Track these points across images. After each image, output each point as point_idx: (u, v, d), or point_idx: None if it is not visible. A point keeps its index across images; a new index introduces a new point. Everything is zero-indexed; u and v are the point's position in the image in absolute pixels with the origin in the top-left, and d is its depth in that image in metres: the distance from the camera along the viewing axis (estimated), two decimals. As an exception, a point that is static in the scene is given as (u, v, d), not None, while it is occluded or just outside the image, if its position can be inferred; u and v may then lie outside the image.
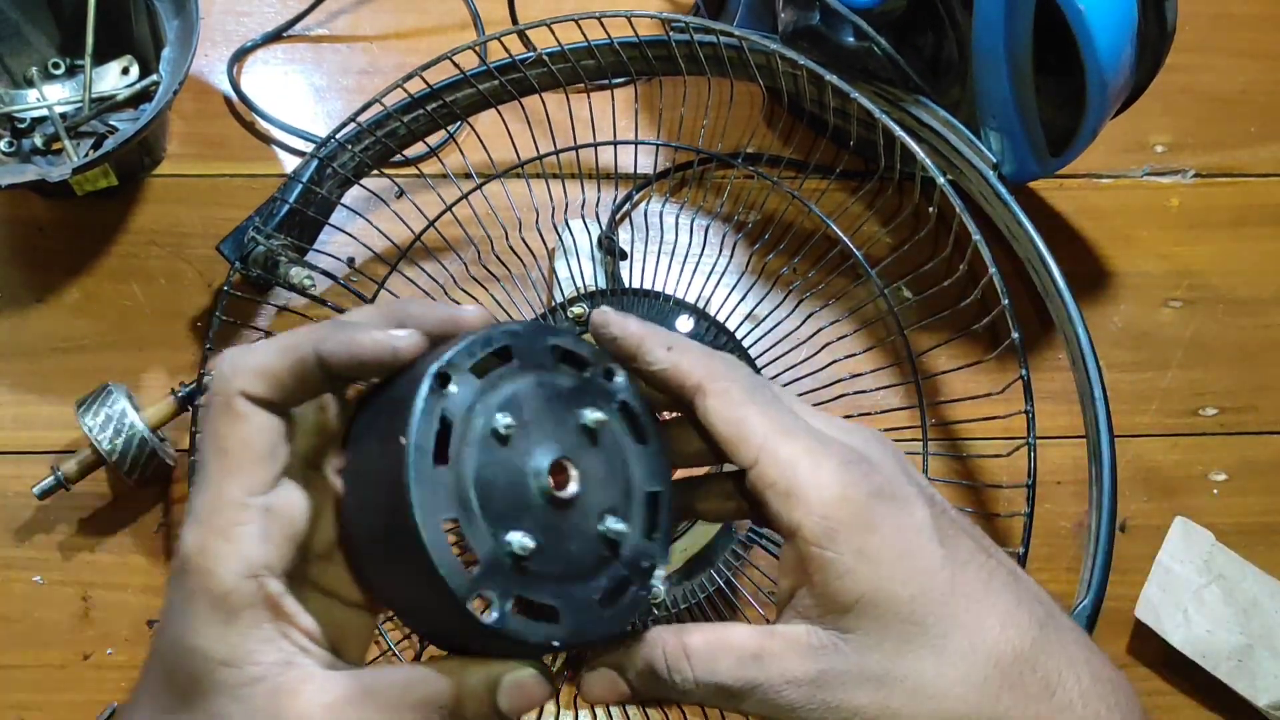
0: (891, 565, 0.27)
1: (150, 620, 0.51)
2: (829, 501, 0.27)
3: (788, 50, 0.48)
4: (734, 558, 0.47)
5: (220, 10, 0.64)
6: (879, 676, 0.27)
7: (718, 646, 0.28)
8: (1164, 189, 0.61)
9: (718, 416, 0.29)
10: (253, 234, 0.50)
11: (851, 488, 0.27)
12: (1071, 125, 0.51)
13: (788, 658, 0.27)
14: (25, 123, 0.58)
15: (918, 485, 0.29)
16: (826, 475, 0.27)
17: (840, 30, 0.50)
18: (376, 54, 0.64)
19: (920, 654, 0.27)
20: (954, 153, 0.49)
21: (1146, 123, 0.62)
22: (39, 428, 0.54)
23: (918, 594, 0.27)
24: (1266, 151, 0.62)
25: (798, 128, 0.60)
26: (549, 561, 0.27)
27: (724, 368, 0.29)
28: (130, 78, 0.59)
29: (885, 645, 0.27)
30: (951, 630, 0.27)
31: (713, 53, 0.51)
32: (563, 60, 0.53)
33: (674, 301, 0.50)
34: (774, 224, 0.57)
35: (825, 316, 0.52)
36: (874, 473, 0.28)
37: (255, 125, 0.61)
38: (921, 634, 0.27)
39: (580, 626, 0.27)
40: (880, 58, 0.49)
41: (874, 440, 0.30)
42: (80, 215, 0.58)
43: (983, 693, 0.27)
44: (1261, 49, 0.64)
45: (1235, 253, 0.60)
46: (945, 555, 0.28)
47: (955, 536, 0.29)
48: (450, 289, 0.53)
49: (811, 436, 0.28)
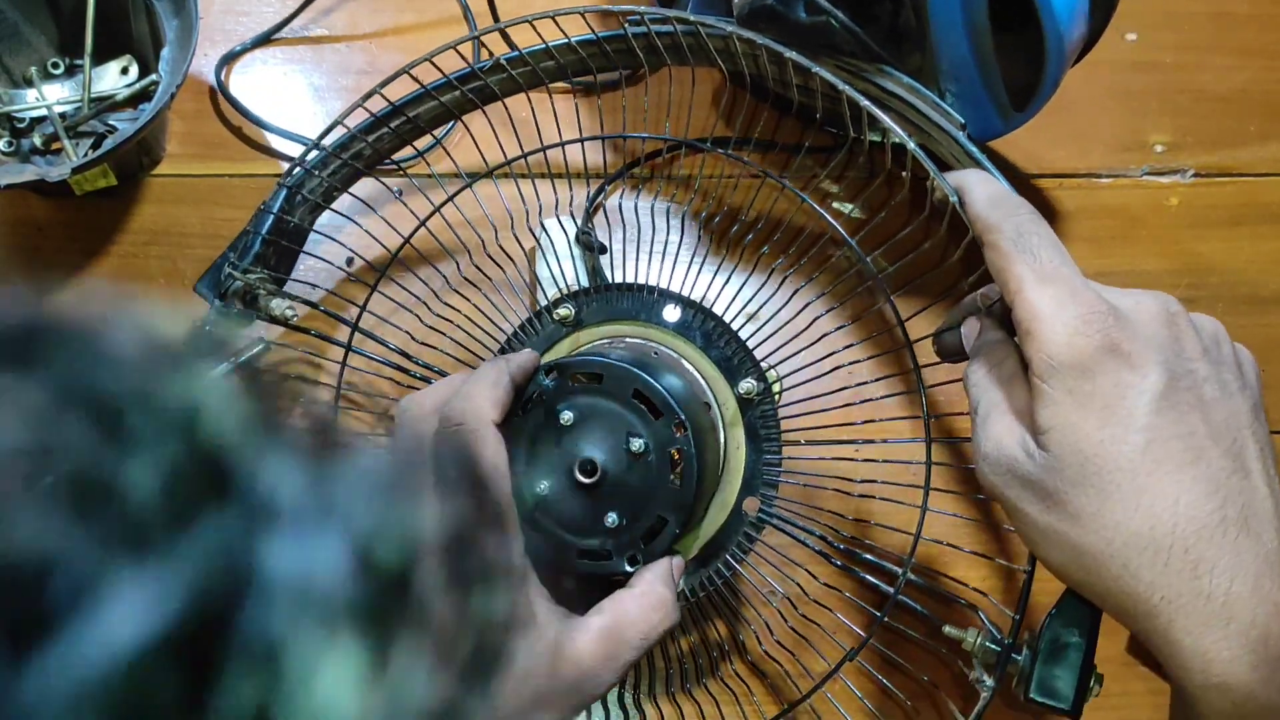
0: (1092, 410, 0.31)
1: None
2: (1057, 343, 0.32)
3: (745, 31, 0.48)
4: (747, 540, 0.47)
5: (220, 10, 0.64)
6: (1049, 493, 0.32)
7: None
8: (1164, 188, 0.61)
9: (990, 264, 0.35)
10: (229, 270, 0.50)
11: (1081, 336, 0.31)
12: (1032, 80, 0.51)
13: (1011, 428, 0.33)
14: (24, 122, 0.58)
15: (1178, 361, 0.32)
16: (1062, 321, 0.32)
17: (795, 7, 0.50)
18: (375, 54, 0.64)
19: (1088, 492, 0.31)
20: (921, 118, 0.49)
21: (1146, 122, 0.62)
22: (39, 428, 0.54)
23: (1107, 441, 0.31)
24: (1266, 151, 0.62)
25: (762, 109, 0.60)
26: (557, 510, 0.40)
27: (999, 219, 0.35)
28: (129, 78, 0.59)
29: (1065, 473, 0.31)
30: (1125, 484, 0.31)
31: (671, 42, 0.51)
32: (522, 64, 0.52)
33: (658, 292, 0.50)
34: (747, 205, 0.57)
35: (810, 291, 0.53)
36: (1116, 329, 0.32)
37: (243, 130, 0.61)
38: (1096, 476, 0.31)
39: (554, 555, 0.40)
40: (839, 30, 0.50)
41: (1150, 305, 0.33)
42: (79, 215, 0.58)
43: (1127, 546, 0.31)
44: (1261, 49, 0.64)
45: (1235, 252, 0.60)
46: (1153, 422, 0.31)
47: (1183, 415, 0.31)
48: (433, 304, 0.53)
49: (1065, 286, 0.33)
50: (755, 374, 0.48)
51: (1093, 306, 0.32)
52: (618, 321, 0.49)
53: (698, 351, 0.48)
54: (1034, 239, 0.34)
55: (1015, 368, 0.35)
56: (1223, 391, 0.32)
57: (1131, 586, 0.31)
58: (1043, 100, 0.52)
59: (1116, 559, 0.31)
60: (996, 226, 0.35)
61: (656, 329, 0.49)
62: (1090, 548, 0.31)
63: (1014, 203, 0.36)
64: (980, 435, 0.35)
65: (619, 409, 0.41)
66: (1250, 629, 0.30)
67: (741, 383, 0.47)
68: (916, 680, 0.50)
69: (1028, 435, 0.33)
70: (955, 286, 0.49)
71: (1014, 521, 0.34)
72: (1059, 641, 0.37)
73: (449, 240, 0.53)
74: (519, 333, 0.50)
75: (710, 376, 0.48)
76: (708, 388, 0.48)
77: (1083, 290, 0.33)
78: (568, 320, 0.49)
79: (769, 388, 0.48)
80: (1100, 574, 0.32)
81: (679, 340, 0.48)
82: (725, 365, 0.48)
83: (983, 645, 0.42)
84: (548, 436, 0.41)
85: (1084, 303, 0.32)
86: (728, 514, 0.47)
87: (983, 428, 0.35)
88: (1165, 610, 0.30)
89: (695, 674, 0.51)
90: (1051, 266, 0.33)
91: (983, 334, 0.38)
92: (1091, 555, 0.31)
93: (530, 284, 0.56)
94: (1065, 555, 0.32)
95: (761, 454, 0.47)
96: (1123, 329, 0.32)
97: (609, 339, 0.49)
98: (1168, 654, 0.31)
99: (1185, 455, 0.31)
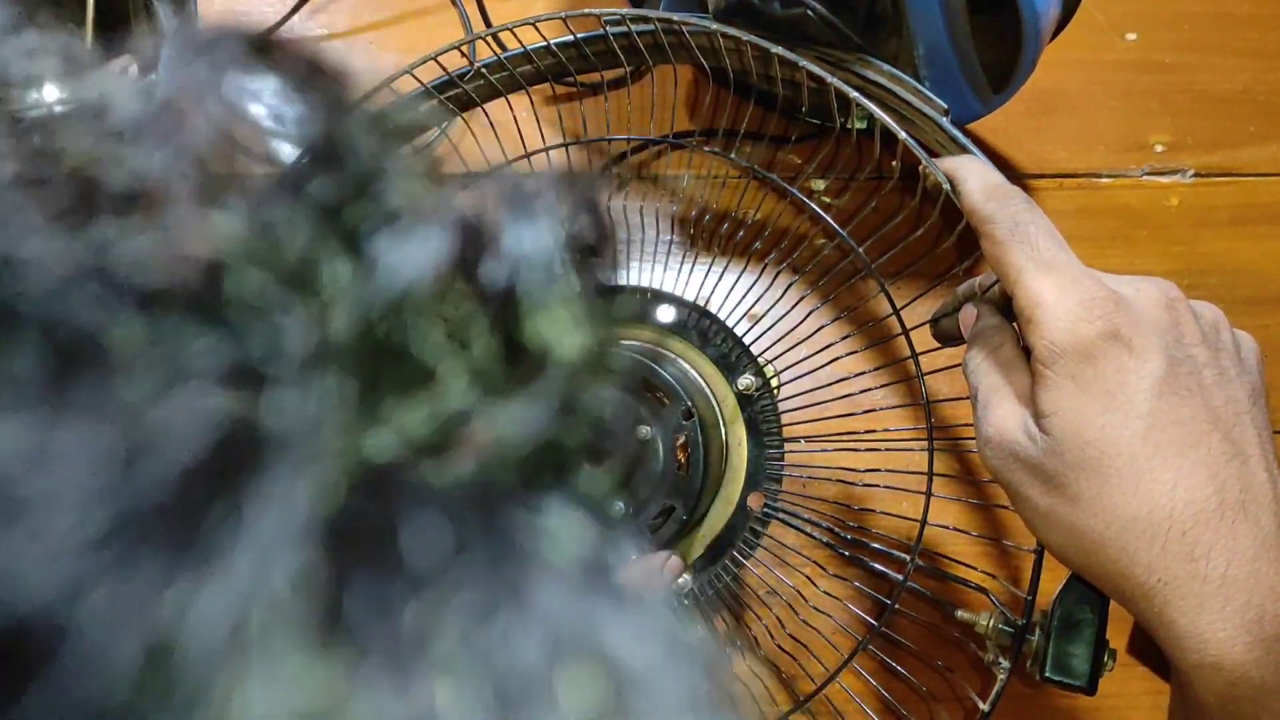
0: (1094, 395, 0.32)
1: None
2: (1059, 329, 0.32)
3: (729, 28, 0.48)
4: (753, 535, 0.47)
5: (220, 10, 0.63)
6: (1050, 477, 0.32)
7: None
8: (1164, 188, 0.61)
9: (987, 253, 0.35)
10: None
11: (1084, 323, 0.32)
12: (1009, 61, 0.52)
13: (1012, 412, 0.34)
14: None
15: (1178, 347, 0.32)
16: (1064, 308, 0.32)
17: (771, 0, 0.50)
18: (375, 53, 0.63)
19: (1088, 475, 0.32)
20: (904, 105, 0.49)
21: (1146, 122, 0.62)
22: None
23: (1107, 426, 0.31)
24: (1266, 151, 0.62)
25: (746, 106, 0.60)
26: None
27: (992, 210, 0.35)
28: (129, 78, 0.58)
29: (1066, 457, 0.32)
30: (1125, 468, 0.31)
31: (652, 41, 0.50)
32: (501, 70, 0.52)
33: (651, 293, 0.50)
34: (736, 201, 0.57)
35: (804, 284, 0.53)
36: (1117, 315, 0.32)
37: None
38: (1097, 460, 0.31)
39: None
40: (815, 21, 0.50)
41: (1150, 292, 0.34)
42: None
43: (1125, 530, 0.31)
44: (1261, 49, 0.64)
45: (1235, 252, 0.60)
46: (1155, 408, 0.31)
47: (1183, 401, 0.32)
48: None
49: (1065, 274, 0.33)
50: (753, 370, 0.48)
51: (1094, 293, 0.32)
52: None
53: (694, 350, 0.48)
54: (1030, 228, 0.34)
55: (1014, 352, 0.36)
56: (1221, 377, 0.33)
57: (1129, 569, 0.31)
58: (1020, 81, 0.52)
59: (1115, 542, 0.31)
60: (991, 217, 0.35)
61: (652, 330, 0.49)
62: (1090, 530, 0.32)
63: (1008, 191, 0.36)
64: (982, 419, 0.35)
65: (626, 397, 0.41)
66: (1245, 610, 0.30)
67: (740, 379, 0.47)
68: (931, 666, 0.50)
69: (1029, 419, 0.33)
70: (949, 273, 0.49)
71: (1016, 504, 0.35)
72: (1071, 618, 0.38)
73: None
74: (513, 341, 0.50)
75: (708, 374, 0.48)
76: (706, 385, 0.48)
77: (1083, 277, 0.33)
78: (562, 326, 0.49)
79: (767, 383, 0.48)
80: (1099, 556, 0.32)
81: (675, 340, 0.48)
82: (723, 362, 0.48)
83: (996, 627, 0.42)
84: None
85: (1085, 289, 0.32)
86: (732, 510, 0.47)
87: (984, 412, 0.35)
88: (1162, 591, 0.31)
89: (708, 672, 0.51)
90: (1050, 254, 0.34)
91: (980, 319, 0.38)
92: (1091, 538, 0.32)
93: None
94: (1065, 537, 0.33)
95: (763, 449, 0.47)
96: (1124, 315, 0.32)
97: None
98: (1164, 634, 0.32)
99: (1184, 440, 0.31)
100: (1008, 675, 0.42)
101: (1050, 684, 0.38)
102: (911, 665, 0.50)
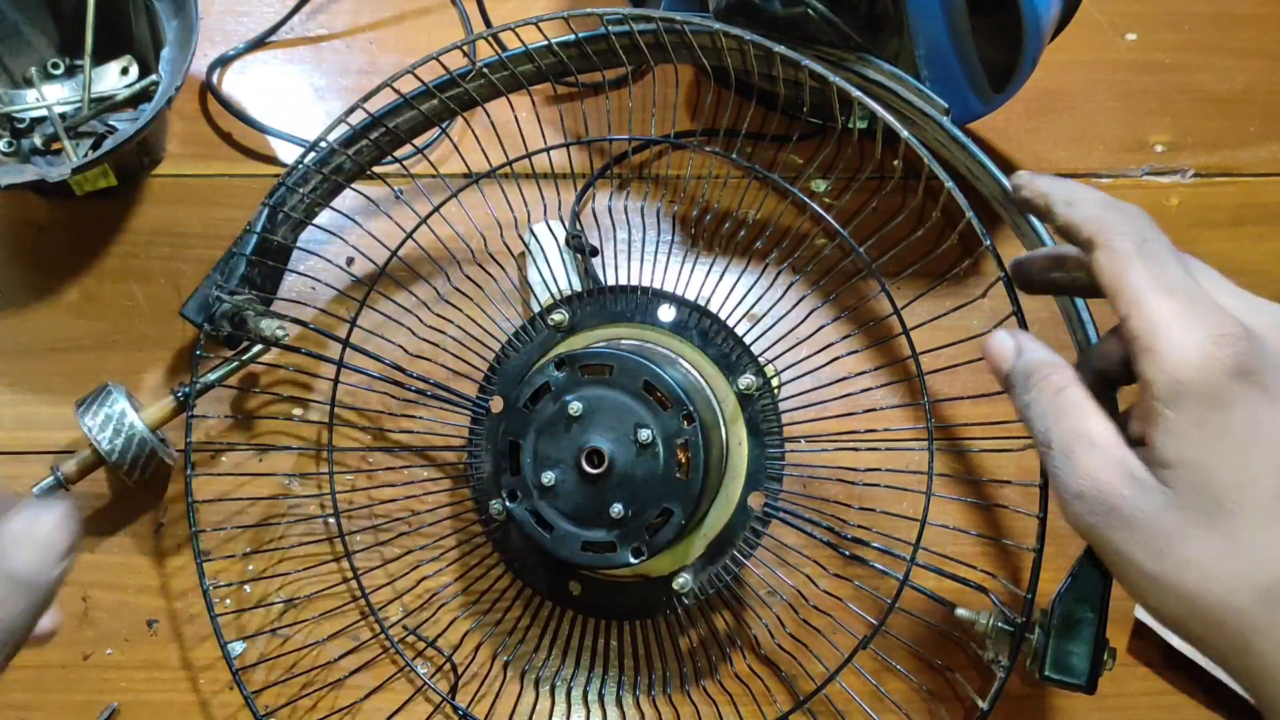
0: (1226, 446, 0.28)
1: (150, 620, 0.52)
2: (1185, 365, 0.28)
3: (731, 28, 0.48)
4: (754, 535, 0.47)
5: (220, 10, 0.64)
6: (1165, 534, 0.29)
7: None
8: (1164, 188, 0.61)
9: (1100, 269, 0.31)
10: (216, 293, 0.49)
11: (1215, 360, 0.28)
12: (1009, 60, 0.52)
13: (1107, 461, 0.30)
14: (24, 123, 0.59)
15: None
16: (1192, 340, 0.28)
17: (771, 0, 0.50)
18: (375, 53, 0.63)
19: (1214, 536, 0.28)
20: (904, 104, 0.49)
21: (1146, 122, 0.62)
22: (38, 428, 0.54)
23: (1242, 483, 0.28)
24: (1266, 151, 0.62)
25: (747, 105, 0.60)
26: (563, 500, 0.42)
27: (1117, 221, 0.31)
28: (130, 78, 0.59)
29: (1188, 513, 0.28)
30: (1257, 532, 0.28)
31: (654, 40, 0.50)
32: (502, 69, 0.52)
33: (652, 293, 0.50)
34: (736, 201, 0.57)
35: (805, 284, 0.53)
36: (1253, 355, 0.28)
37: (233, 135, 0.61)
38: (1226, 521, 0.28)
39: (558, 547, 0.43)
40: (817, 21, 0.50)
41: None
42: (79, 215, 0.58)
43: (1249, 598, 0.28)
44: (1261, 49, 0.64)
45: (1235, 252, 0.60)
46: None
47: None
48: (425, 316, 0.52)
49: (1192, 300, 0.29)
50: (753, 369, 0.48)
51: (1225, 326, 0.29)
52: (613, 324, 0.49)
53: (695, 350, 0.48)
54: (1158, 244, 0.31)
55: (1081, 393, 0.32)
56: None
57: (1259, 644, 0.28)
58: (1021, 80, 0.52)
59: (1246, 614, 0.28)
60: (1114, 227, 0.31)
61: (652, 329, 0.49)
62: (1213, 598, 0.28)
63: (1129, 205, 0.33)
64: (1065, 471, 0.31)
65: (627, 400, 0.42)
66: None
67: (740, 379, 0.47)
68: (931, 665, 0.50)
69: (1138, 469, 0.30)
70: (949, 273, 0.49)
71: (1113, 566, 0.31)
72: (1071, 617, 0.38)
73: (437, 252, 0.52)
74: (513, 341, 0.50)
75: (709, 374, 0.48)
76: (707, 385, 0.47)
77: (1214, 307, 0.29)
78: (563, 325, 0.49)
79: (768, 382, 0.48)
80: (1224, 629, 0.29)
81: (675, 340, 0.48)
82: (723, 362, 0.48)
83: (995, 626, 0.42)
84: (556, 427, 0.42)
85: (1216, 321, 0.29)
86: (733, 510, 0.47)
87: (1068, 463, 0.31)
88: (1276, 655, 0.28)
89: (709, 670, 0.51)
90: (1177, 277, 0.30)
91: (1024, 353, 0.34)
92: (1216, 608, 0.28)
93: (521, 291, 0.56)
94: (1182, 607, 0.29)
95: (764, 449, 0.47)
96: (1258, 354, 0.28)
97: (606, 341, 0.49)
98: (1270, 693, 0.29)
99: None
100: (1007, 674, 0.42)
101: (1050, 683, 0.38)
102: (911, 664, 0.50)
